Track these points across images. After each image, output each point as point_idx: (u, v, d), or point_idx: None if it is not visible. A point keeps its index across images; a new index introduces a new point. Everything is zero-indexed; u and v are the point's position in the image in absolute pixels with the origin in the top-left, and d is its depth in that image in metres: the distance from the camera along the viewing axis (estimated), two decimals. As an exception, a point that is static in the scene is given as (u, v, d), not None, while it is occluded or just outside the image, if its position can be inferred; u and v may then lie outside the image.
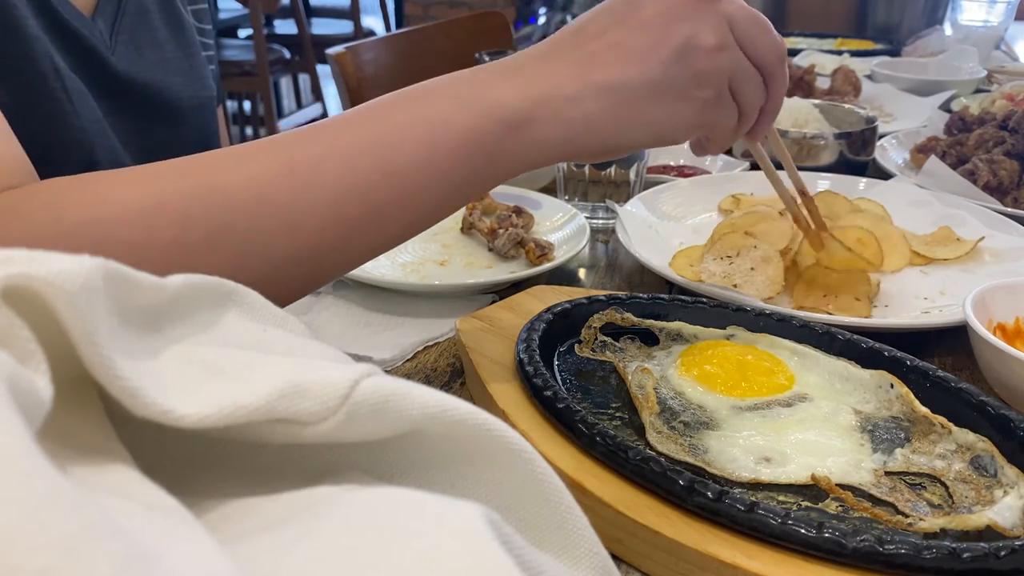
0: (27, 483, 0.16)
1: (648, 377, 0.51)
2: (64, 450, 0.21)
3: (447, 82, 0.50)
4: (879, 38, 1.89)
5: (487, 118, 0.47)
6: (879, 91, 1.37)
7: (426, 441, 0.26)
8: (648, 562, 0.40)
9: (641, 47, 0.49)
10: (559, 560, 0.27)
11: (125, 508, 0.20)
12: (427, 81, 0.50)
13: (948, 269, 0.74)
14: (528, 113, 0.48)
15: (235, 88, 3.50)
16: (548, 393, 0.46)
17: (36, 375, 0.20)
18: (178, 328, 0.27)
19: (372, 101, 0.50)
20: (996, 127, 0.99)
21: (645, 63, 0.48)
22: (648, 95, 0.49)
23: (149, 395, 0.22)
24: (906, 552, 0.36)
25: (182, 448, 0.25)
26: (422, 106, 0.48)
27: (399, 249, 0.77)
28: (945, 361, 0.62)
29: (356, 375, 0.24)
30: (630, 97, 0.49)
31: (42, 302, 0.20)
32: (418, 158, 0.46)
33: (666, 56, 0.48)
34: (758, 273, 0.66)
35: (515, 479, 0.26)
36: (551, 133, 0.48)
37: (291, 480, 0.25)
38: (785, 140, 0.99)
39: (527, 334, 0.53)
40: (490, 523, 0.20)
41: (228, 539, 0.21)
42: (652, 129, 0.50)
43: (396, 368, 0.61)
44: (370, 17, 4.22)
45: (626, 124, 0.50)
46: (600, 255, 0.82)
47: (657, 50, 0.48)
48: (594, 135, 0.49)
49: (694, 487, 0.39)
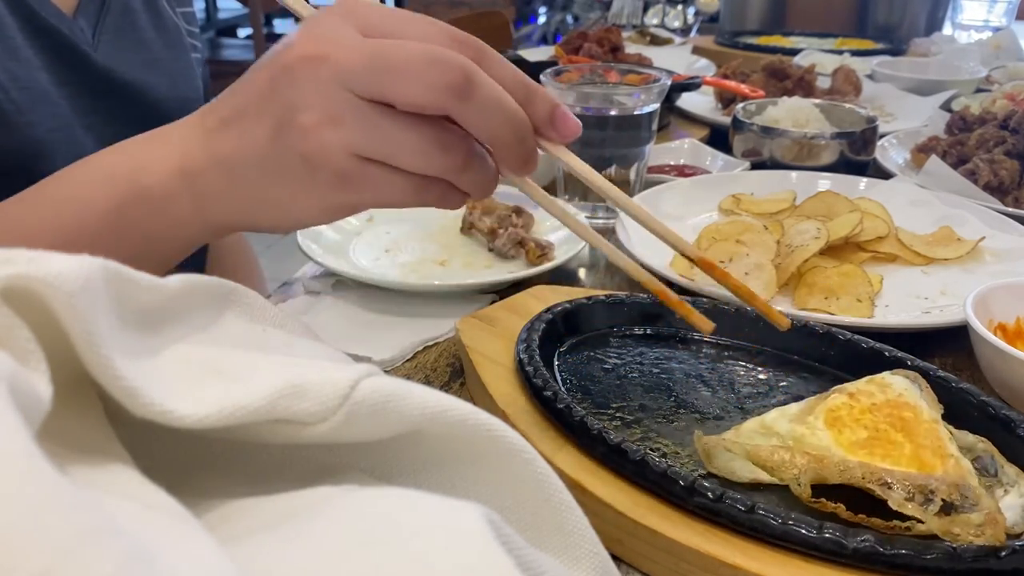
0: (27, 483, 0.16)
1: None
2: (64, 450, 0.21)
3: (105, 154, 0.46)
4: (880, 38, 1.89)
5: (128, 195, 0.43)
6: (880, 91, 1.37)
7: (426, 441, 0.26)
8: (648, 562, 0.40)
9: (249, 118, 0.42)
10: (559, 560, 0.27)
11: (125, 508, 0.20)
12: (98, 154, 0.47)
13: (949, 269, 0.74)
14: (165, 188, 0.43)
15: (235, 88, 3.51)
16: (548, 393, 0.46)
17: (36, 375, 0.20)
18: (178, 328, 0.27)
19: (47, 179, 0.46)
20: (997, 127, 0.99)
21: (252, 138, 0.41)
22: (262, 173, 0.42)
23: (148, 395, 0.22)
24: (907, 552, 0.36)
25: (182, 448, 0.25)
26: (73, 184, 0.45)
27: (399, 249, 0.77)
28: (946, 361, 0.62)
29: (356, 375, 0.24)
30: (245, 174, 0.42)
31: (41, 302, 0.20)
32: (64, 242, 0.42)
33: (269, 132, 0.41)
34: (752, 278, 0.66)
35: (515, 479, 0.26)
36: (188, 210, 0.43)
37: (291, 480, 0.25)
38: (785, 140, 0.99)
39: (527, 334, 0.53)
40: (490, 523, 0.20)
41: (228, 539, 0.21)
42: (282, 210, 0.43)
43: (396, 368, 0.61)
44: (370, 17, 4.21)
45: (252, 202, 0.43)
46: (600, 255, 0.82)
47: (261, 124, 0.41)
48: (228, 213, 0.44)
49: (694, 487, 0.39)
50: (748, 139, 1.02)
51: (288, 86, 0.40)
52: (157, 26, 0.70)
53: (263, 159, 0.42)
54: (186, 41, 0.74)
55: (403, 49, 0.38)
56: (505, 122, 0.40)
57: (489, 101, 0.39)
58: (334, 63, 0.39)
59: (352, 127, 0.39)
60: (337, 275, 0.70)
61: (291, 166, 0.41)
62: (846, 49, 1.74)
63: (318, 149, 0.40)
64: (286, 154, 0.41)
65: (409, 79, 0.38)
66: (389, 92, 0.39)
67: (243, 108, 0.42)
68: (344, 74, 0.39)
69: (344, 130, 0.39)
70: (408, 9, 1.80)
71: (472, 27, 1.91)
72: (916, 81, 1.42)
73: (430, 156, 0.40)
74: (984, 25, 2.09)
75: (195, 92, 0.74)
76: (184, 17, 0.76)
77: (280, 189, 0.42)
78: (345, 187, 0.41)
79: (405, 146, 0.39)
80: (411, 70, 0.38)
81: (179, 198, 0.43)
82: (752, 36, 1.89)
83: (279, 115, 0.40)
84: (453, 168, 0.41)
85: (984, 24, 2.09)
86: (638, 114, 0.85)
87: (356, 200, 0.42)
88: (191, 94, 0.73)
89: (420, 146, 0.39)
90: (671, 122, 1.26)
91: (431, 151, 0.40)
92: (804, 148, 0.99)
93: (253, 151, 0.42)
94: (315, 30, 0.40)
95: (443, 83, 0.38)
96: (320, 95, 0.39)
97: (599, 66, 0.98)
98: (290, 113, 0.40)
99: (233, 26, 4.24)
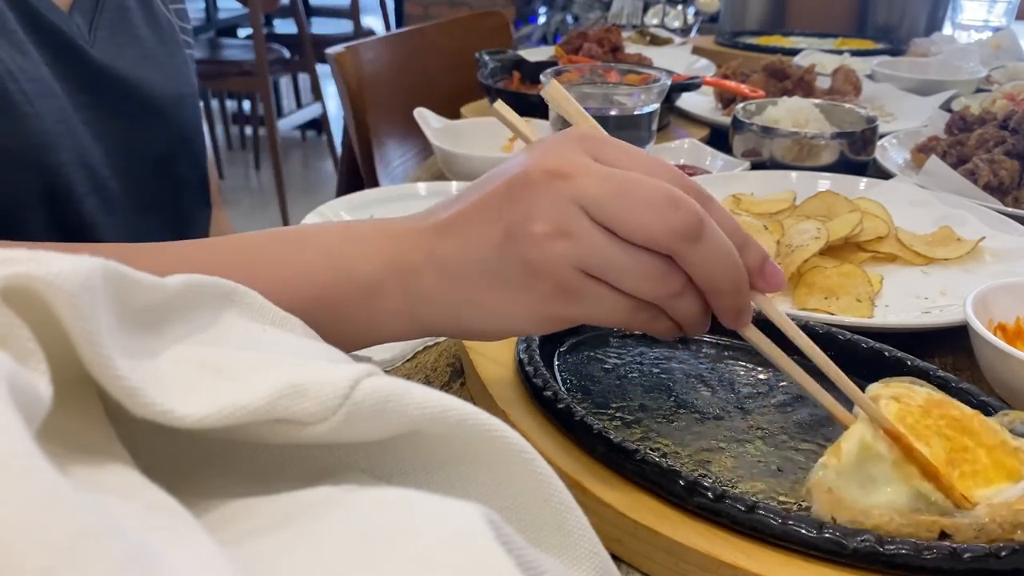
0: (27, 483, 0.16)
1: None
2: (64, 450, 0.21)
3: (321, 231, 0.46)
4: (880, 38, 1.89)
5: (342, 275, 0.44)
6: (880, 91, 1.37)
7: (426, 441, 0.26)
8: (648, 562, 0.40)
9: (478, 224, 0.43)
10: (559, 560, 0.27)
11: (125, 508, 0.20)
12: (310, 225, 0.48)
13: (949, 269, 0.74)
14: (377, 278, 0.43)
15: (235, 88, 3.51)
16: (548, 393, 0.46)
17: (36, 375, 0.20)
18: (178, 328, 0.27)
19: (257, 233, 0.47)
20: (997, 127, 0.99)
21: (479, 242, 0.42)
22: (482, 277, 0.43)
23: (148, 395, 0.22)
24: (906, 552, 0.36)
25: (182, 448, 0.25)
26: (288, 246, 0.46)
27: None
28: (946, 361, 0.62)
29: (356, 375, 0.24)
30: (465, 276, 0.43)
31: (42, 302, 0.20)
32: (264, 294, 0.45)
33: (497, 239, 0.42)
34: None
35: (515, 479, 0.26)
36: (397, 305, 0.44)
37: (291, 480, 0.25)
38: (785, 140, 0.99)
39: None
40: (490, 523, 0.20)
41: (228, 539, 0.21)
42: (496, 317, 0.44)
43: (396, 368, 0.61)
44: (370, 17, 4.22)
45: (466, 305, 0.44)
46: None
47: (490, 231, 0.42)
48: (439, 315, 0.44)
49: (694, 487, 0.39)
50: (748, 139, 1.02)
51: (527, 195, 0.41)
52: (151, 22, 0.70)
53: (485, 262, 0.42)
54: (179, 37, 0.74)
55: (644, 185, 0.40)
56: (726, 271, 0.41)
57: (716, 249, 0.41)
58: (576, 183, 0.40)
59: (581, 243, 0.40)
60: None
61: (513, 273, 0.42)
62: (846, 49, 1.74)
63: (544, 258, 0.41)
64: (510, 260, 0.42)
65: (646, 214, 0.40)
66: (624, 221, 0.40)
67: (474, 213, 0.43)
68: (584, 195, 0.40)
69: (573, 244, 0.40)
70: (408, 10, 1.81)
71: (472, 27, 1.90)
72: (916, 81, 1.42)
73: (650, 281, 0.41)
74: (984, 25, 2.09)
75: (190, 88, 0.74)
76: (177, 13, 0.76)
77: (497, 295, 0.43)
78: (563, 299, 0.42)
79: (628, 269, 0.41)
80: (650, 206, 0.40)
81: (390, 292, 0.44)
82: (752, 36, 1.89)
83: (511, 221, 0.41)
84: (668, 295, 0.42)
85: (984, 24, 2.09)
86: (638, 114, 0.85)
87: (571, 313, 0.43)
88: (186, 89, 0.73)
89: (642, 270, 0.41)
90: (671, 122, 1.26)
91: (653, 275, 0.41)
92: (804, 148, 0.99)
93: (477, 254, 0.42)
94: (555, 150, 0.42)
95: (678, 224, 0.39)
96: (556, 209, 0.40)
97: (599, 66, 0.98)
98: (523, 221, 0.41)
99: (233, 26, 4.24)
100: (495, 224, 0.42)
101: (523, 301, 0.42)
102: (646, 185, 0.40)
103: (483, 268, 0.42)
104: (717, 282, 0.41)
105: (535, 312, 0.43)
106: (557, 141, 0.43)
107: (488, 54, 1.32)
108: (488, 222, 0.42)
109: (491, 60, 1.30)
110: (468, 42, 1.68)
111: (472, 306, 0.44)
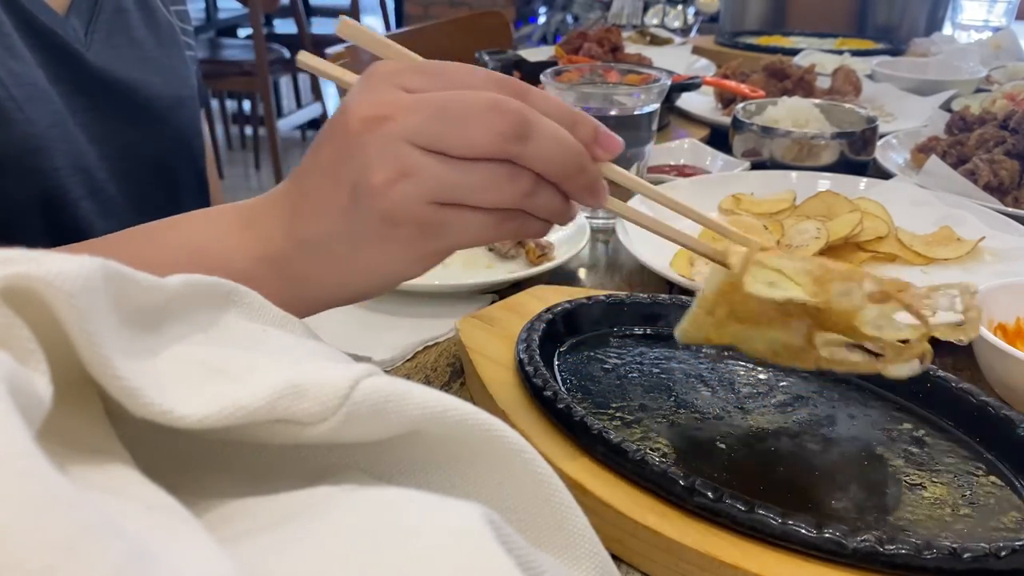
0: (27, 483, 0.16)
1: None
2: (64, 450, 0.21)
3: (181, 232, 0.46)
4: (880, 38, 1.89)
5: (219, 275, 0.45)
6: (880, 91, 1.37)
7: (426, 441, 0.26)
8: (648, 562, 0.40)
9: (322, 197, 0.43)
10: (559, 560, 0.27)
11: (125, 508, 0.20)
12: (167, 222, 0.47)
13: (949, 269, 0.74)
14: (251, 273, 0.44)
15: (235, 88, 3.50)
16: (548, 393, 0.46)
17: (36, 375, 0.20)
18: (178, 328, 0.27)
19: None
20: (997, 127, 0.99)
21: (330, 211, 0.43)
22: (346, 244, 0.43)
23: (148, 395, 0.22)
24: (906, 552, 0.36)
25: (182, 448, 0.25)
26: (162, 248, 0.46)
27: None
28: (946, 361, 0.62)
29: (356, 375, 0.24)
30: (330, 248, 0.43)
31: (42, 302, 0.20)
32: None
33: (345, 202, 0.42)
34: (753, 276, 0.66)
35: (515, 479, 0.26)
36: (275, 293, 0.43)
37: (291, 480, 0.25)
38: (785, 140, 0.99)
39: (527, 334, 0.53)
40: (490, 523, 0.20)
41: (228, 539, 0.21)
42: (374, 274, 0.44)
43: (396, 368, 0.61)
44: (370, 17, 4.22)
45: (342, 275, 0.44)
46: (600, 255, 0.82)
47: (336, 196, 0.42)
48: (320, 291, 0.45)
49: (694, 487, 0.39)
50: (748, 139, 1.02)
51: (356, 150, 0.41)
52: (150, 24, 0.70)
53: (343, 229, 0.42)
54: (180, 39, 0.74)
55: (461, 100, 0.40)
56: (565, 156, 0.42)
57: (548, 139, 0.41)
58: (396, 121, 0.40)
59: (423, 177, 0.40)
60: (337, 275, 0.70)
61: (372, 229, 0.42)
62: (846, 49, 1.74)
63: (395, 205, 0.41)
64: (365, 218, 0.42)
65: (471, 128, 0.40)
66: (454, 142, 0.40)
67: (315, 184, 0.43)
68: (407, 130, 0.40)
69: (416, 181, 0.40)
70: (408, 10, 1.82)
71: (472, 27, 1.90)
72: (916, 81, 1.42)
73: (500, 189, 0.41)
74: (984, 25, 2.09)
75: (190, 90, 0.74)
76: (178, 15, 0.76)
77: (366, 255, 0.43)
78: (429, 235, 0.42)
79: (476, 185, 0.41)
80: (472, 119, 0.40)
81: (265, 281, 0.44)
82: (752, 36, 1.89)
83: (352, 180, 0.41)
84: (523, 196, 0.42)
85: (984, 24, 2.09)
86: (638, 114, 0.85)
87: (442, 246, 0.43)
88: (185, 92, 0.73)
89: (489, 182, 0.41)
90: (671, 122, 1.26)
91: (501, 183, 0.41)
92: (804, 148, 0.99)
93: (333, 224, 0.43)
94: (365, 94, 0.41)
95: (504, 129, 0.40)
96: (387, 153, 0.40)
97: (599, 66, 0.98)
98: (361, 176, 0.41)
99: (233, 26, 4.24)
100: (338, 188, 0.42)
101: (393, 251, 0.43)
102: (463, 100, 0.40)
103: (343, 234, 0.43)
104: (560, 168, 0.42)
105: (409, 257, 0.43)
106: (365, 83, 0.42)
107: (488, 54, 1.32)
108: (331, 188, 0.42)
109: (491, 60, 1.30)
110: (468, 42, 1.68)
111: (348, 274, 0.44)
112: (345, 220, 0.42)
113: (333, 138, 0.42)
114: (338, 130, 0.42)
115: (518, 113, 0.40)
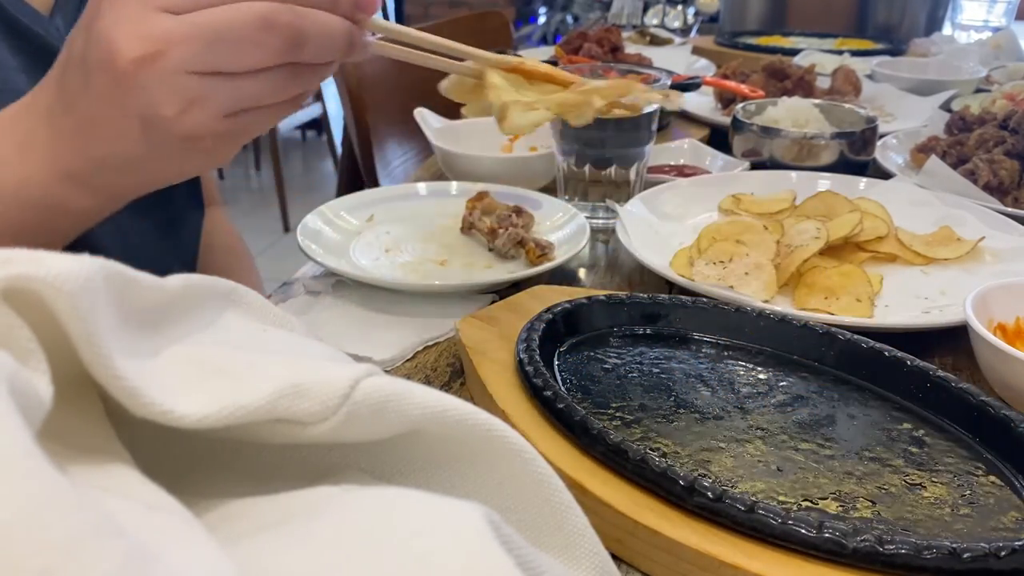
0: (27, 483, 0.16)
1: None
2: (64, 450, 0.21)
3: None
4: (879, 38, 1.89)
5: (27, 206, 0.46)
6: (879, 91, 1.37)
7: (426, 441, 0.26)
8: (648, 562, 0.40)
9: (111, 125, 0.44)
10: (559, 560, 0.27)
11: (125, 508, 0.20)
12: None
13: (948, 269, 0.74)
14: (59, 194, 0.46)
15: (235, 88, 3.50)
16: (548, 393, 0.46)
17: (36, 375, 0.20)
18: (178, 328, 0.27)
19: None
20: (996, 127, 0.99)
21: (125, 140, 0.44)
22: (150, 159, 0.45)
23: (148, 395, 0.22)
24: (906, 552, 0.36)
25: (182, 448, 0.25)
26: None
27: (399, 249, 0.77)
28: (945, 361, 0.62)
29: (356, 375, 0.24)
30: (134, 163, 0.45)
31: (42, 302, 0.20)
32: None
33: (138, 133, 0.43)
34: (752, 278, 0.66)
35: (515, 479, 0.26)
36: (89, 201, 0.48)
37: (291, 480, 0.25)
38: (785, 140, 0.99)
39: (527, 334, 0.53)
40: (490, 523, 0.20)
41: (228, 539, 0.21)
42: (187, 173, 0.48)
43: (396, 368, 0.61)
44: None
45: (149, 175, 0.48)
46: (600, 255, 0.82)
47: (126, 128, 0.43)
48: (134, 188, 0.49)
49: (694, 487, 0.39)
50: (748, 139, 1.02)
51: (136, 88, 0.41)
52: None
53: (145, 152, 0.44)
54: None
55: (231, 24, 0.41)
56: (335, 41, 0.45)
57: (319, 36, 0.43)
58: (170, 55, 0.41)
59: (212, 100, 0.42)
60: (337, 275, 0.70)
61: (174, 150, 0.44)
62: (846, 49, 1.74)
63: (192, 130, 0.43)
64: (164, 143, 0.44)
65: (248, 51, 0.42)
66: (232, 66, 0.42)
67: (98, 114, 0.44)
68: (184, 62, 0.41)
69: (205, 105, 0.42)
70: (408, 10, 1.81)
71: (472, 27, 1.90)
72: (916, 81, 1.42)
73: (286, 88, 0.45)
74: (984, 25, 2.09)
75: None
76: None
77: (172, 164, 0.46)
78: (232, 139, 0.46)
79: (264, 92, 0.44)
80: (246, 42, 0.41)
81: (77, 196, 0.46)
82: (752, 36, 1.89)
83: (140, 114, 0.42)
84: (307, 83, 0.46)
85: (984, 24, 2.09)
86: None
87: (248, 137, 0.47)
88: None
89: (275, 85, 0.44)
90: (671, 122, 1.26)
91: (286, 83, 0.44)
92: (804, 148, 0.99)
93: (132, 148, 0.44)
94: (127, 25, 0.41)
95: (279, 45, 0.42)
96: (170, 87, 0.41)
97: (599, 66, 0.98)
98: (150, 110, 0.42)
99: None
100: (127, 119, 0.43)
101: (198, 160, 0.46)
102: (233, 22, 0.41)
103: (143, 155, 0.45)
104: (334, 53, 0.45)
105: (217, 160, 0.47)
106: (121, 7, 0.42)
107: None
108: (119, 118, 0.43)
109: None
110: (468, 42, 1.67)
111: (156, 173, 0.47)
112: (143, 144, 0.44)
113: (103, 70, 0.42)
114: (106, 65, 0.42)
115: (289, 26, 0.42)
